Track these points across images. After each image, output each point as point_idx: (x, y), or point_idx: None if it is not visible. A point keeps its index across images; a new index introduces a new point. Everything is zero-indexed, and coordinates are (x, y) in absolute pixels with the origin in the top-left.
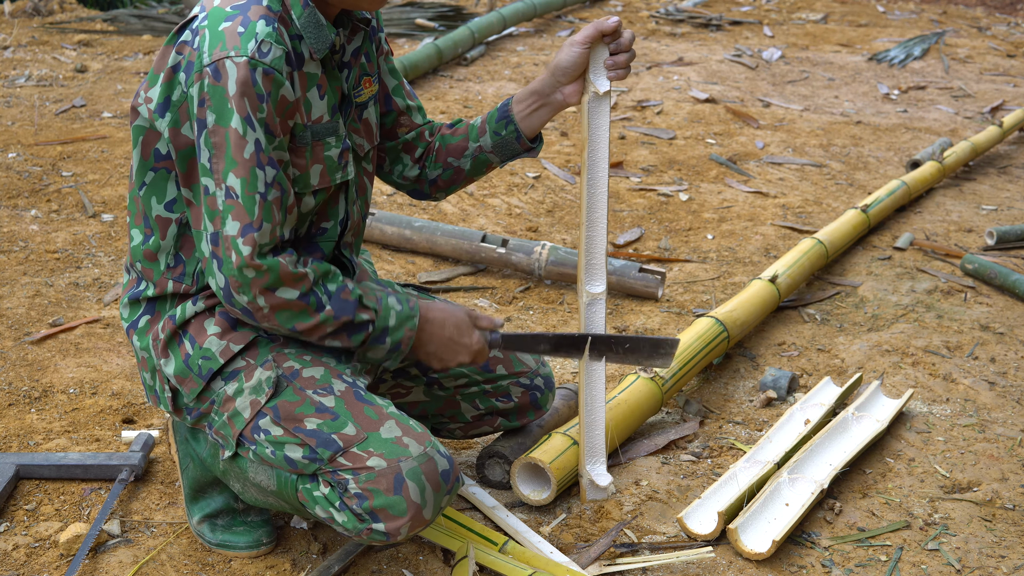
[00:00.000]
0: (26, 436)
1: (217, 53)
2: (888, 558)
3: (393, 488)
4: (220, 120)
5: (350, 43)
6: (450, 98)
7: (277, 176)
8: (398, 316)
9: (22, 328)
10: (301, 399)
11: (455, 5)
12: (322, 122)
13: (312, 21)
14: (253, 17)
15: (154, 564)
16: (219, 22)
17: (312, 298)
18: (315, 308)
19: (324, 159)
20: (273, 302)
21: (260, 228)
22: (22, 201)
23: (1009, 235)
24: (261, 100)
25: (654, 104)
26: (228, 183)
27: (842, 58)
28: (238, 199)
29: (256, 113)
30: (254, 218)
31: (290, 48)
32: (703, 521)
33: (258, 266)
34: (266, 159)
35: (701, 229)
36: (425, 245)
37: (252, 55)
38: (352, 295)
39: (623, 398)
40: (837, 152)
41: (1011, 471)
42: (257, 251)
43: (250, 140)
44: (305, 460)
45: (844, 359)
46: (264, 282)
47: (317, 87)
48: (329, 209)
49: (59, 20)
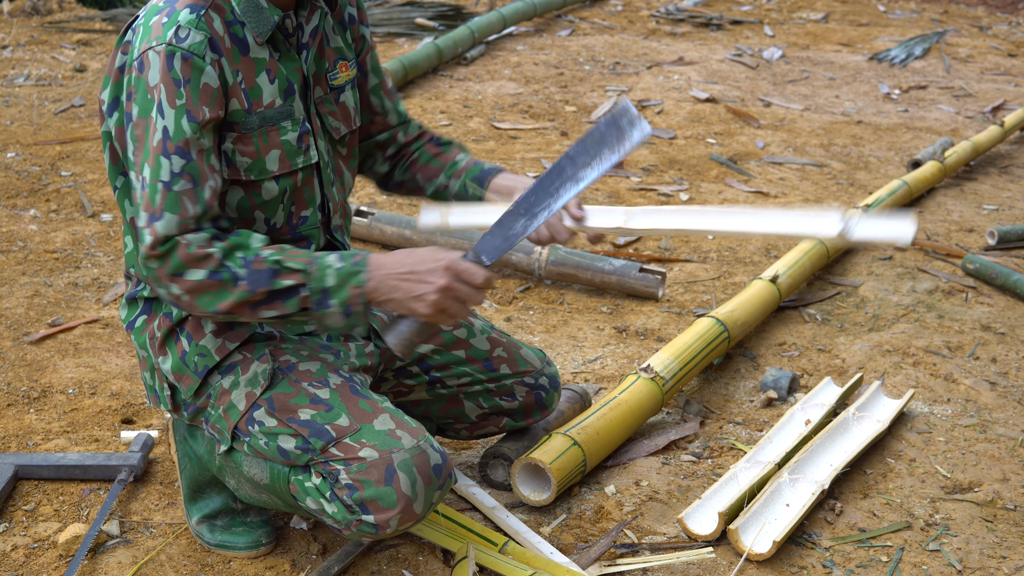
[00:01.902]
0: (25, 436)
1: (143, 46)
2: (889, 559)
3: (384, 479)
4: (141, 112)
5: (308, 23)
6: (450, 97)
7: (188, 166)
8: (338, 274)
9: (21, 328)
10: (296, 391)
11: (455, 4)
12: (274, 107)
13: (252, 5)
14: (179, 7)
15: (153, 565)
16: (151, 16)
17: (224, 273)
18: (232, 283)
19: (281, 143)
20: (186, 287)
21: (161, 218)
22: (21, 201)
23: (1010, 235)
24: (178, 85)
25: (654, 104)
26: (143, 174)
27: (843, 58)
28: (144, 188)
29: (172, 99)
30: (155, 207)
31: (222, 34)
32: (703, 521)
33: (157, 254)
34: (173, 147)
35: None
36: (425, 245)
37: (169, 41)
38: (266, 262)
39: (623, 398)
40: (838, 152)
41: (1012, 471)
42: (159, 242)
43: (158, 128)
44: (298, 450)
45: (845, 359)
46: (167, 268)
47: (266, 71)
48: (305, 196)
49: (58, 19)
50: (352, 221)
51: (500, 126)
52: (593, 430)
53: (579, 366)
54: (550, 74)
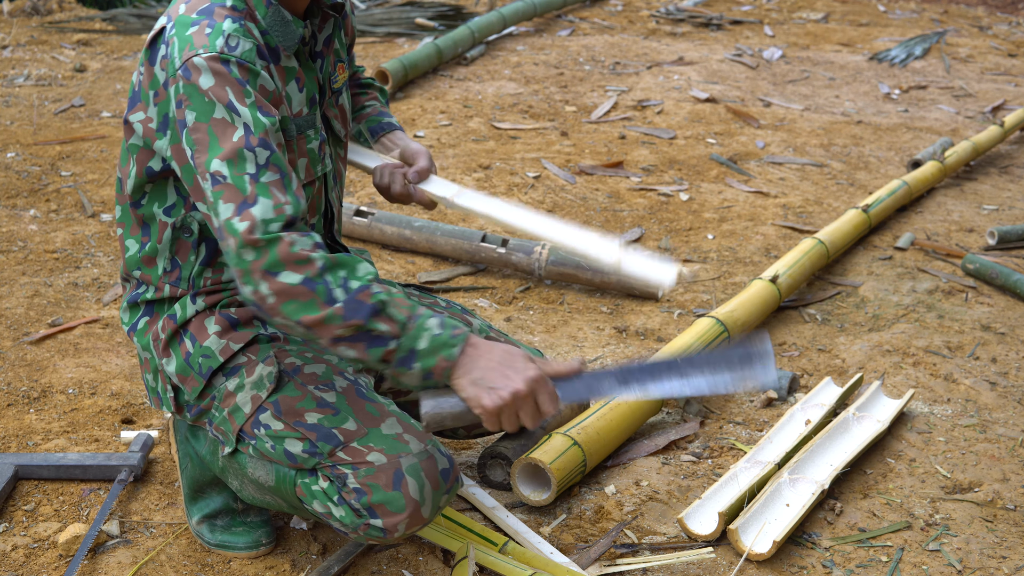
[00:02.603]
0: (25, 436)
1: (186, 54)
2: (889, 559)
3: (392, 484)
4: (200, 116)
5: (321, 31)
6: (450, 97)
7: (272, 158)
8: (432, 340)
9: (21, 328)
10: (302, 394)
11: (455, 4)
12: (302, 115)
13: (277, 19)
14: (218, 18)
15: (153, 565)
16: (186, 28)
17: (320, 286)
18: (324, 299)
19: (307, 152)
20: (276, 287)
21: (256, 203)
22: (21, 201)
23: (1010, 235)
24: (243, 85)
25: (654, 104)
26: (213, 169)
27: (843, 57)
28: (226, 180)
29: (242, 98)
30: (247, 194)
31: (261, 43)
32: (703, 522)
33: (255, 241)
34: (256, 140)
35: (701, 229)
36: (425, 245)
37: (221, 50)
38: (373, 298)
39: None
40: (838, 152)
41: (1012, 471)
42: (258, 227)
43: (238, 124)
44: (305, 454)
45: (845, 359)
46: (263, 262)
47: (296, 80)
48: (316, 203)
49: (58, 19)
50: (352, 221)
51: (500, 126)
52: (593, 430)
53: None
54: (550, 74)
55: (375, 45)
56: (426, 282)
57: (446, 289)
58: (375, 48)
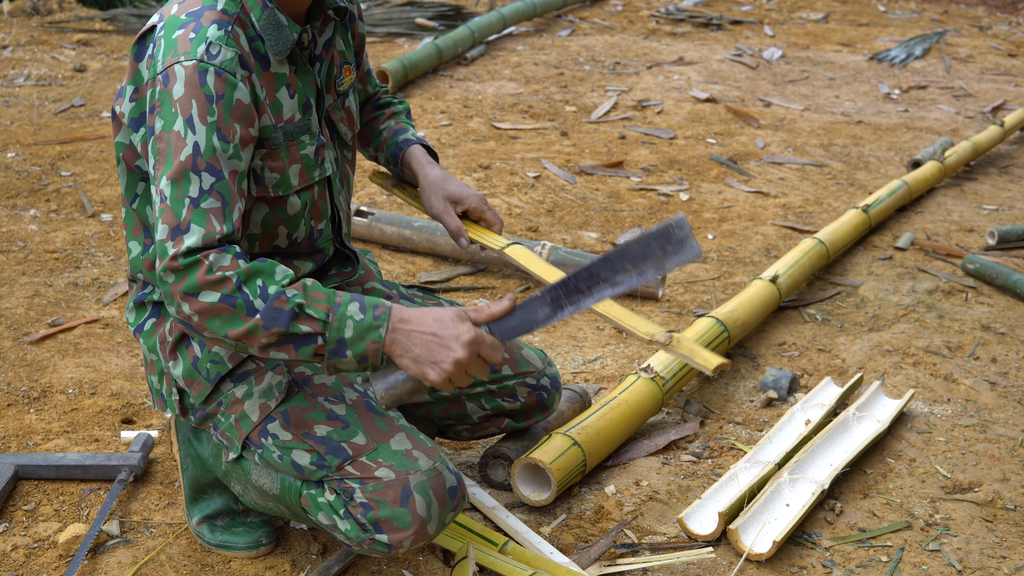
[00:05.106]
0: (25, 436)
1: (169, 59)
2: (889, 559)
3: (400, 500)
4: (165, 125)
5: (321, 35)
6: (450, 97)
7: (217, 184)
8: (357, 327)
9: (21, 328)
10: (312, 405)
11: (455, 4)
12: (294, 121)
13: (272, 23)
14: (205, 23)
15: (153, 565)
16: (173, 30)
17: (239, 300)
18: (245, 312)
19: (301, 158)
20: (197, 307)
21: (188, 231)
22: (21, 201)
23: (1010, 235)
24: (210, 102)
25: (654, 104)
26: (160, 186)
27: (843, 58)
28: (166, 201)
29: (204, 116)
30: (181, 220)
31: (248, 50)
32: (704, 522)
33: (176, 267)
34: (203, 164)
35: (702, 229)
36: (425, 245)
37: (200, 57)
38: (289, 303)
39: (624, 398)
40: (838, 152)
41: (1012, 471)
42: (181, 254)
43: (188, 142)
44: (312, 466)
45: (845, 359)
46: (182, 285)
47: (287, 87)
48: (321, 208)
49: (58, 19)
50: (352, 221)
51: (500, 126)
52: (593, 430)
53: (579, 366)
54: (550, 74)
55: (375, 45)
56: (426, 282)
57: (446, 289)
58: (375, 48)
